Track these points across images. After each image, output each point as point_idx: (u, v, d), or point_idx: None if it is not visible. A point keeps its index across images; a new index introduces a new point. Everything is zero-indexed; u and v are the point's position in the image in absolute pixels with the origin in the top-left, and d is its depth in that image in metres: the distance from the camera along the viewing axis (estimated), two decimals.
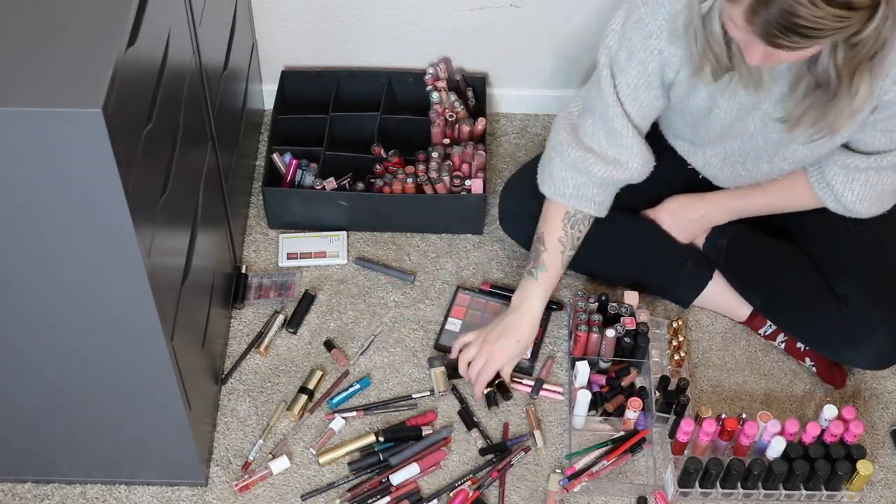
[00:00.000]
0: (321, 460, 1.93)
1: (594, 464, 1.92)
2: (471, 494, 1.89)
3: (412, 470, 1.91)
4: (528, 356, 2.06)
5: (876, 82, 1.62)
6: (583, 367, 1.97)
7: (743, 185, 2.01)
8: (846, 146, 1.84)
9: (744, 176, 1.96)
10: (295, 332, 2.11)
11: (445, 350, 2.08)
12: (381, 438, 1.94)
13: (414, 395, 2.02)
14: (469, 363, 1.96)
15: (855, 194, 1.87)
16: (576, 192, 1.89)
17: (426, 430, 1.96)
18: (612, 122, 1.82)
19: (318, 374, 2.03)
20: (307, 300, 2.15)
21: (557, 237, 1.92)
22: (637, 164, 1.87)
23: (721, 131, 1.86)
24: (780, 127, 1.78)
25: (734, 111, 1.80)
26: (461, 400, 2.01)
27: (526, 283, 1.96)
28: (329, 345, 2.09)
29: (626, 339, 2.00)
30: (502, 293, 2.16)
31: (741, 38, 1.55)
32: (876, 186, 1.85)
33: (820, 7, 1.41)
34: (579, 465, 1.92)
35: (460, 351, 1.99)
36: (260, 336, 2.10)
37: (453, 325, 2.11)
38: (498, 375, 1.98)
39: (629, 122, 1.82)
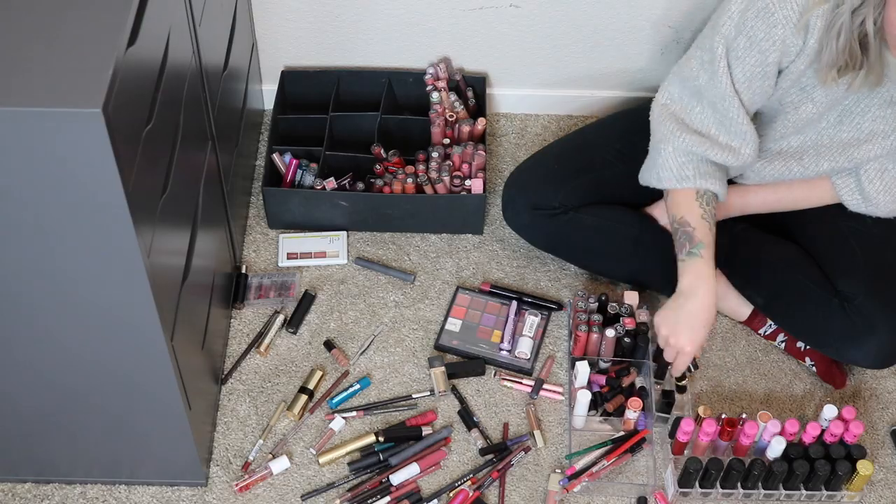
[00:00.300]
0: (321, 460, 1.93)
1: (594, 464, 1.91)
2: (471, 494, 1.89)
3: (412, 470, 1.91)
4: (529, 356, 2.06)
5: None
6: (583, 367, 1.97)
7: (776, 182, 2.00)
8: None
9: (797, 172, 1.94)
10: (295, 332, 2.11)
11: (445, 350, 2.08)
12: (381, 438, 1.94)
13: (414, 395, 2.02)
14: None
15: (882, 185, 1.89)
16: (697, 173, 1.86)
17: (426, 430, 1.96)
18: (727, 111, 1.81)
19: (318, 374, 2.03)
20: (307, 300, 2.14)
21: (699, 215, 1.87)
22: (750, 151, 1.86)
23: (799, 125, 1.86)
24: (852, 126, 1.80)
25: (822, 106, 1.81)
26: (461, 400, 2.01)
27: (691, 264, 1.85)
28: (329, 345, 2.09)
29: (626, 339, 2.00)
30: (502, 293, 2.16)
31: None
32: None
33: None
34: (579, 465, 1.92)
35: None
36: (260, 336, 2.09)
37: (453, 325, 2.11)
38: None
39: (744, 110, 1.81)
